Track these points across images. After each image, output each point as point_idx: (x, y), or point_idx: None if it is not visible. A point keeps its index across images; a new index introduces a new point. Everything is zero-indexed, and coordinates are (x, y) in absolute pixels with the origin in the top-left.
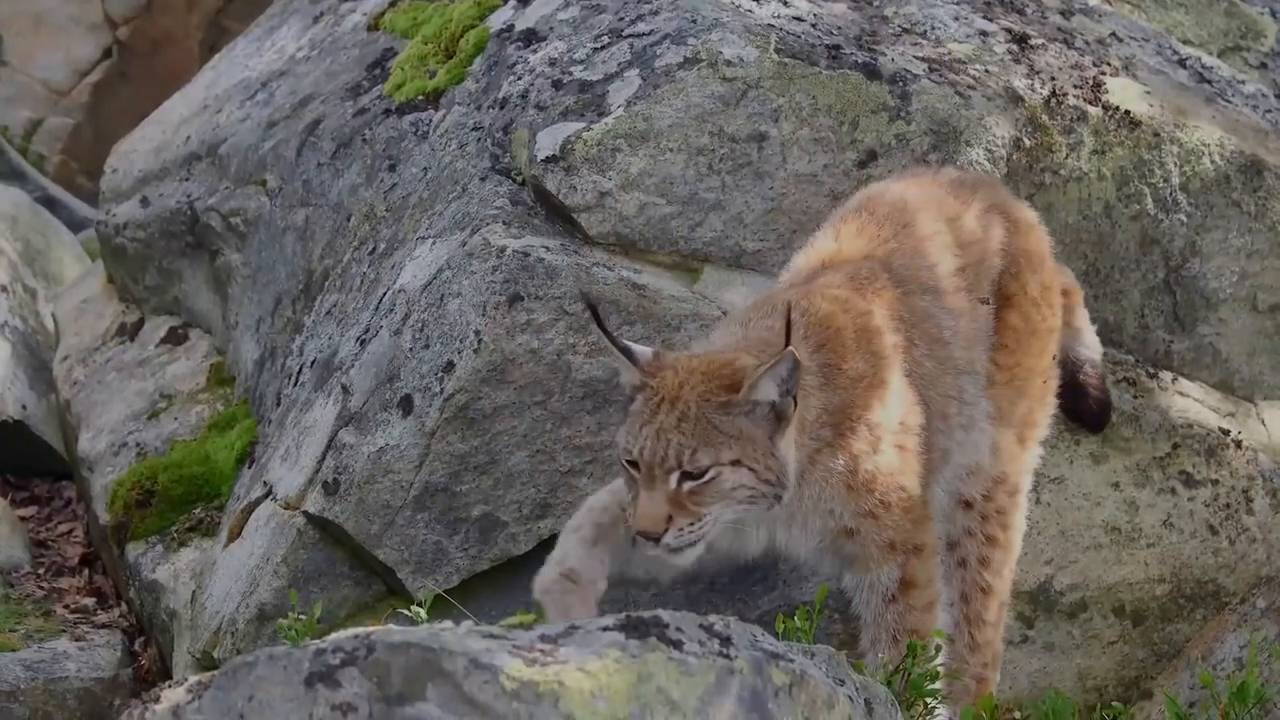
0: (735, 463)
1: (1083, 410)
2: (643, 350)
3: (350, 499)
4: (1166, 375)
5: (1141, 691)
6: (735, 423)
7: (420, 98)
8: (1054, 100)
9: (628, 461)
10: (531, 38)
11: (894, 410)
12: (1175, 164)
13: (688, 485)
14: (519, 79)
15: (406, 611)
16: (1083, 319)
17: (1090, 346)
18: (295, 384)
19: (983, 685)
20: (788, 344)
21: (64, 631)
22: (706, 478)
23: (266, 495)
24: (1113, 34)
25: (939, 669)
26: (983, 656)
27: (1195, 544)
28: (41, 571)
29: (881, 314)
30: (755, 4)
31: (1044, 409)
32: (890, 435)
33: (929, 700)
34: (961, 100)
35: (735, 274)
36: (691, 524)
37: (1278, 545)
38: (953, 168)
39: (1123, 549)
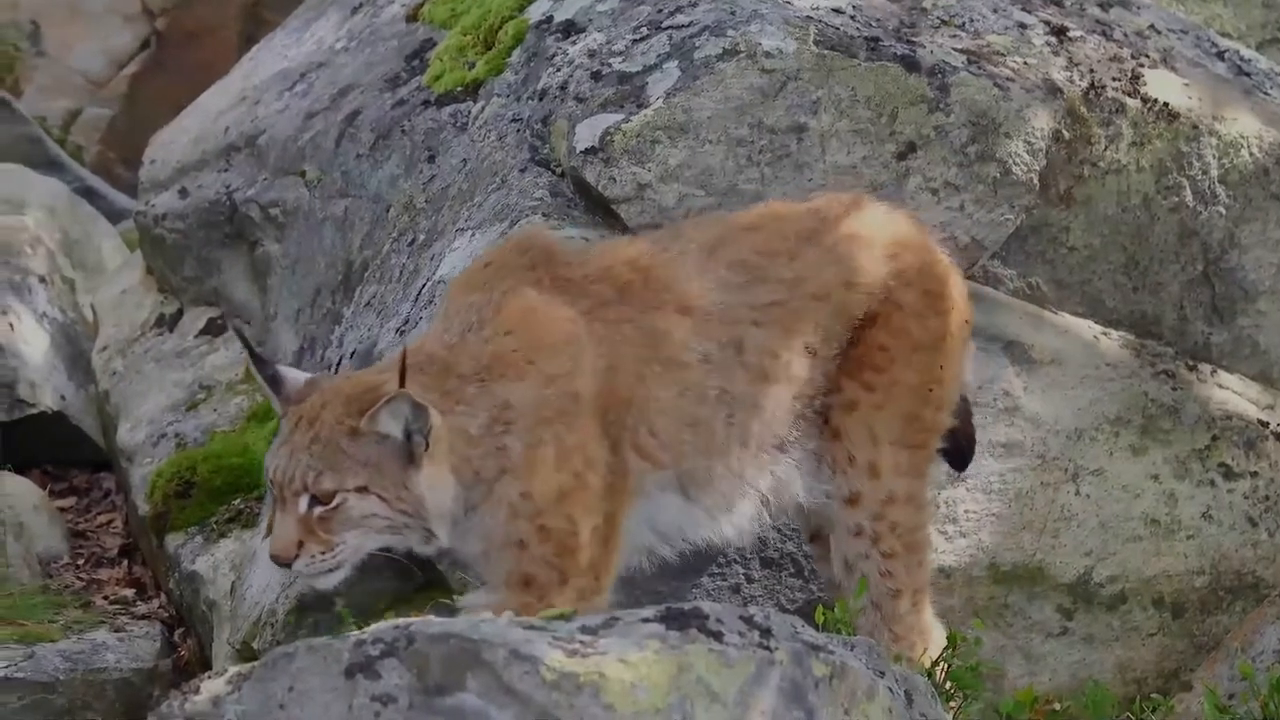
0: (362, 490)
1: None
2: (295, 376)
3: None
4: (1205, 367)
5: (1181, 683)
6: (365, 450)
7: (459, 89)
8: (1093, 92)
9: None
10: (570, 29)
11: (577, 433)
12: (1214, 156)
13: (318, 511)
14: (558, 70)
15: (447, 602)
16: None
17: None
18: (334, 375)
19: (918, 654)
20: (402, 384)
21: (103, 622)
22: (334, 504)
23: None
24: (1151, 26)
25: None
26: (908, 640)
27: (1235, 536)
28: (80, 562)
29: (573, 330)
30: None
31: (934, 411)
32: (569, 458)
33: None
34: (1000, 92)
35: None
36: (323, 552)
37: None
38: (831, 193)
39: (1162, 541)
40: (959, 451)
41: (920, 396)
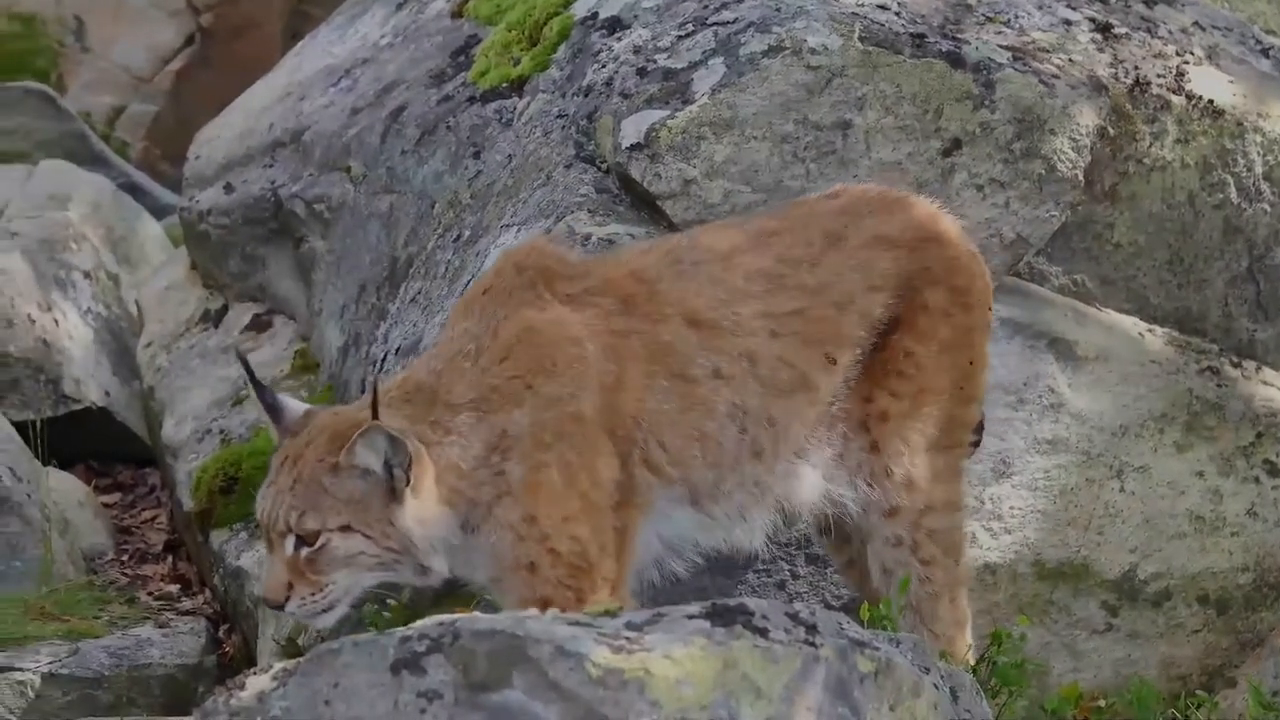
0: (345, 529)
1: None
2: (294, 407)
3: None
4: (1250, 364)
5: (1225, 680)
6: (346, 486)
7: (504, 85)
8: (1137, 89)
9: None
10: (616, 25)
11: (583, 454)
12: (1258, 153)
13: (304, 552)
14: (603, 67)
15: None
16: None
17: None
18: (380, 371)
19: (958, 647)
20: (375, 417)
21: (148, 618)
22: (318, 545)
23: None
24: (1195, 23)
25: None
26: (947, 636)
27: (1279, 533)
28: (125, 558)
29: (575, 350)
30: None
31: (966, 407)
32: (574, 478)
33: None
34: (1046, 89)
35: None
36: (313, 593)
37: None
38: (858, 187)
39: (1207, 538)
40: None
41: (951, 397)
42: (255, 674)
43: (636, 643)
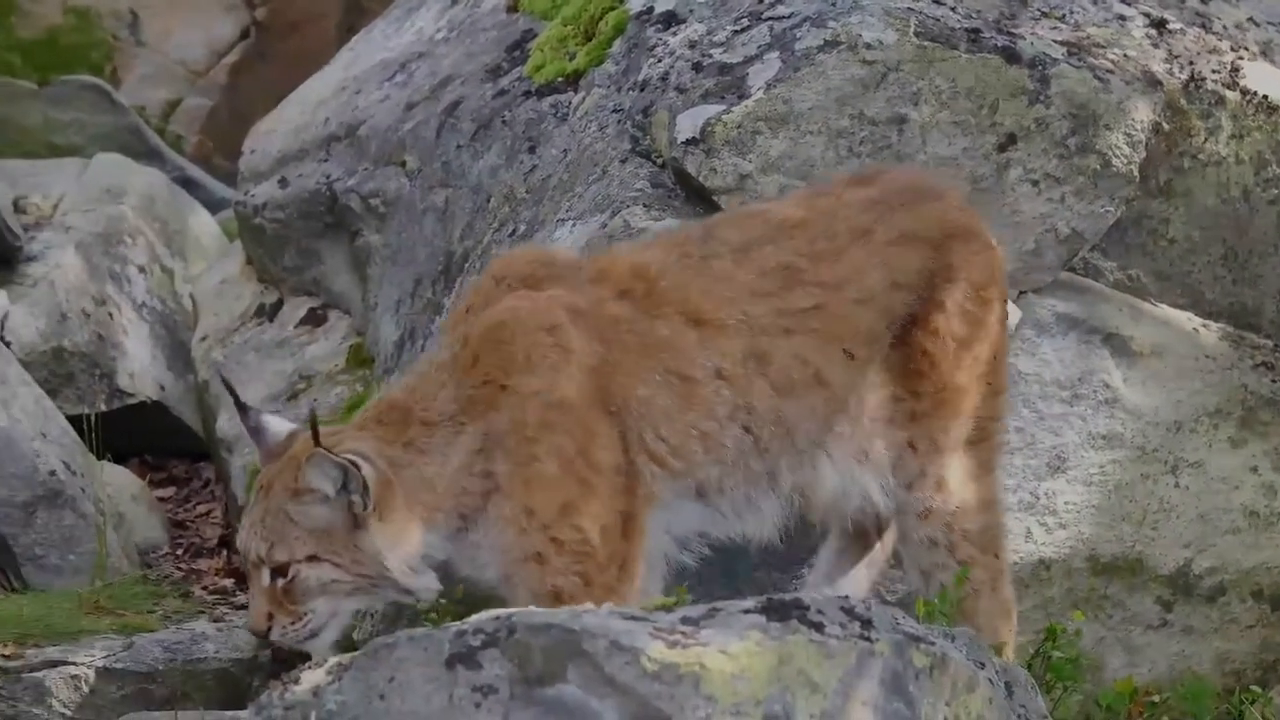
0: (313, 559)
1: None
2: (278, 428)
3: None
4: None
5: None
6: (311, 513)
7: (560, 80)
8: (1192, 85)
9: None
10: (671, 20)
11: (575, 438)
12: None
13: (279, 583)
14: (659, 61)
15: None
16: None
17: None
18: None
19: (1004, 635)
20: (316, 443)
21: (202, 613)
22: (290, 576)
23: None
24: (1250, 19)
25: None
26: (991, 627)
27: None
28: (180, 552)
29: (550, 338)
30: None
31: (992, 399)
32: (568, 465)
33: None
34: (1100, 84)
35: None
36: (293, 622)
37: None
38: (891, 174)
39: (1261, 533)
40: None
41: (975, 393)
42: (310, 668)
43: (692, 637)
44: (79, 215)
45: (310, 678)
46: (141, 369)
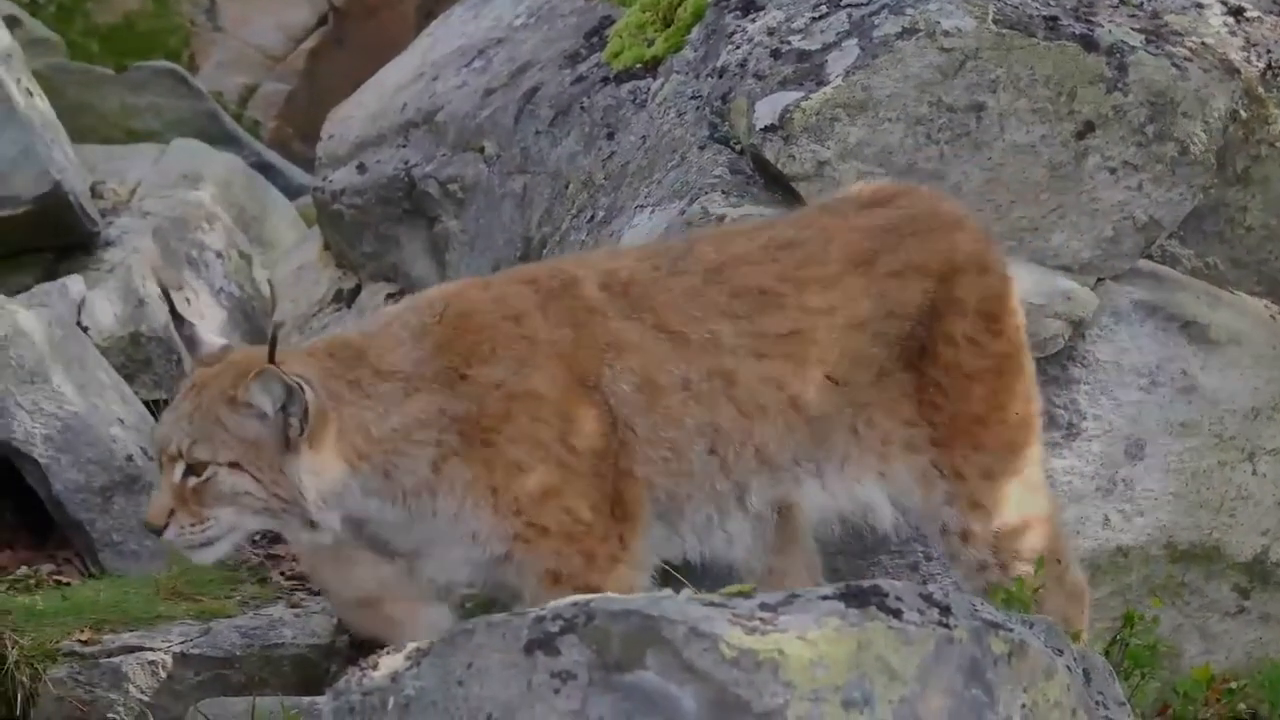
0: (234, 465)
1: None
2: (212, 341)
3: None
4: None
5: None
6: (244, 424)
7: (638, 66)
8: (1270, 72)
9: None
10: (750, 7)
11: (550, 425)
12: None
13: (192, 481)
14: (737, 48)
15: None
16: None
17: None
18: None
19: (1076, 615)
20: (271, 359)
21: (280, 598)
22: (204, 476)
23: None
24: None
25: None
26: (1062, 615)
27: None
28: (257, 538)
29: (543, 322)
30: None
31: (1017, 422)
32: (543, 451)
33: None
34: (1178, 72)
35: None
36: (194, 524)
37: None
38: (909, 196)
39: None
40: None
41: (995, 422)
42: (389, 654)
43: (770, 623)
44: (156, 200)
45: (388, 663)
46: None
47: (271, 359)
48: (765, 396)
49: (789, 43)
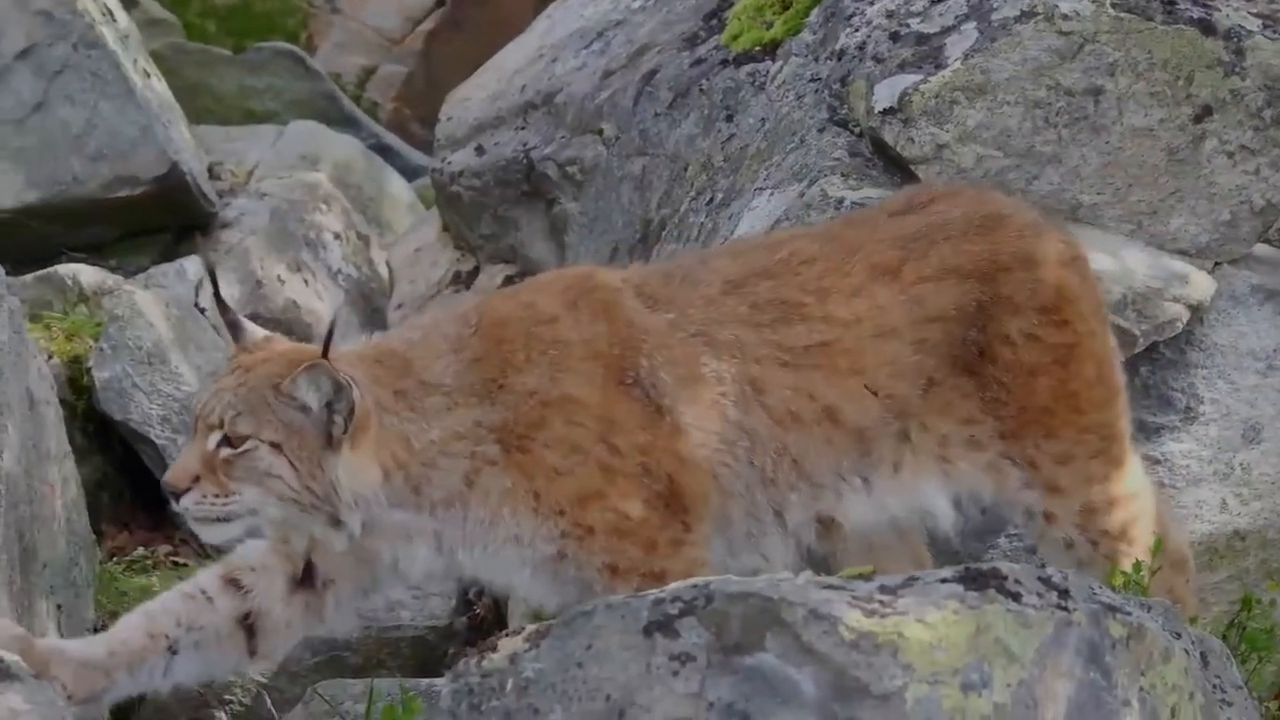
0: (275, 446)
1: None
2: (256, 330)
3: None
4: None
5: None
6: (288, 412)
7: (757, 49)
8: None
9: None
10: None
11: (588, 427)
12: None
13: (225, 452)
14: (856, 31)
15: None
16: None
17: None
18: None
19: (1168, 576)
20: (325, 355)
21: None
22: (243, 449)
23: None
24: None
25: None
26: (1163, 587)
27: None
28: None
29: (574, 322)
30: None
31: (1098, 415)
32: (582, 456)
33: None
34: None
35: (1072, 227)
36: (217, 495)
37: None
38: (946, 199)
39: None
40: None
41: (1066, 410)
42: (508, 636)
43: (889, 606)
44: (274, 182)
45: (507, 645)
46: (338, 336)
47: (325, 353)
48: (797, 405)
49: (908, 25)
